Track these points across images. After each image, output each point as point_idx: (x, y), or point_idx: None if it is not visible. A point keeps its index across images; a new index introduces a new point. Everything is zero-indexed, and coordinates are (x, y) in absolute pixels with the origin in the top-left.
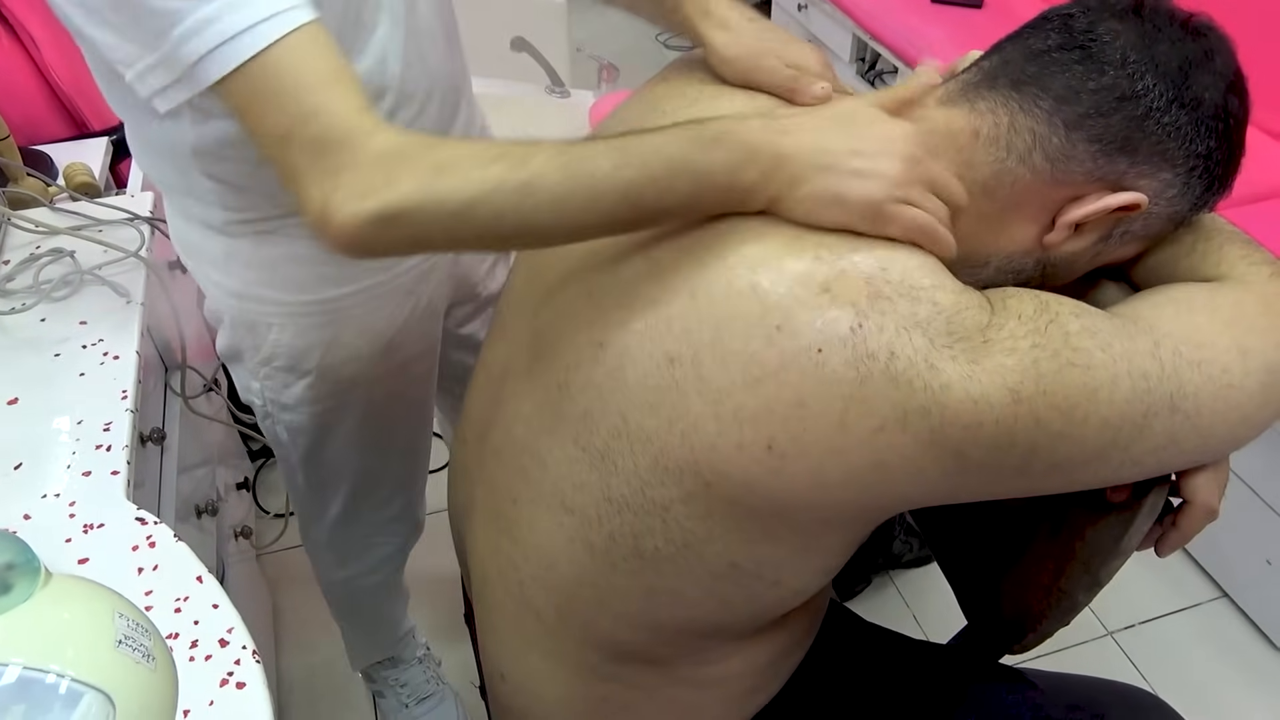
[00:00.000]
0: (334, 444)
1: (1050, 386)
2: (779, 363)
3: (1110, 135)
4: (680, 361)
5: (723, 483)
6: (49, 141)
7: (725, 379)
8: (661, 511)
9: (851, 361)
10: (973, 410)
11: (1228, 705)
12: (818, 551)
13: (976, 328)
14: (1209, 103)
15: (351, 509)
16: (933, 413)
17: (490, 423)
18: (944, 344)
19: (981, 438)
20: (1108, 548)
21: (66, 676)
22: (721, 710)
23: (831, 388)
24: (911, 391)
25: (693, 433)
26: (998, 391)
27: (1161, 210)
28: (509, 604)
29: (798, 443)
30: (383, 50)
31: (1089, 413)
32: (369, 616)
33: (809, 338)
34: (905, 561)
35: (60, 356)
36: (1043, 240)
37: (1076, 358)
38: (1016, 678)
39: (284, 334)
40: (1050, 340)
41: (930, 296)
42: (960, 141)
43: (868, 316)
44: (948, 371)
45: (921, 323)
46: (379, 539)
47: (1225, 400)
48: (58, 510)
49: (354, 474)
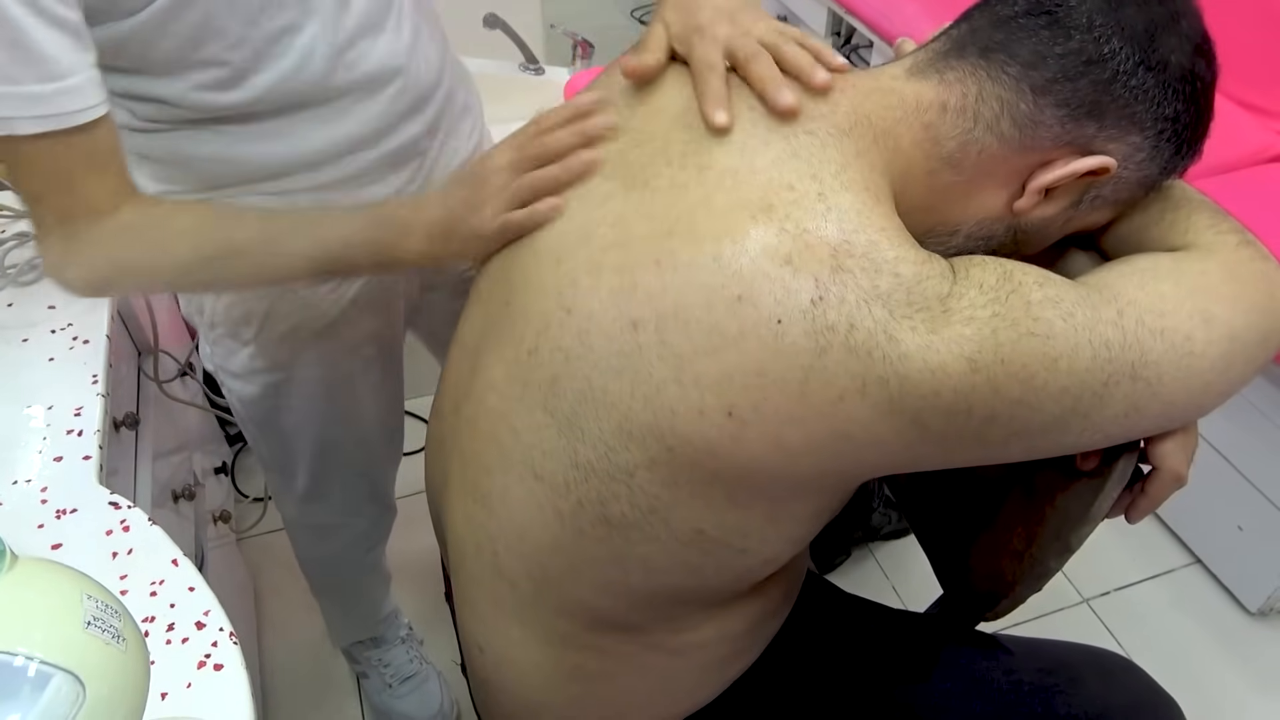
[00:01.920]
0: (288, 418)
1: (1008, 355)
2: (739, 332)
3: (1078, 99)
4: (644, 327)
5: (685, 448)
6: None
7: (687, 346)
8: (626, 477)
9: (811, 333)
10: (930, 379)
11: (1202, 669)
12: (785, 519)
13: (937, 297)
14: (1176, 65)
15: (315, 487)
16: (891, 382)
17: (465, 394)
18: (904, 314)
19: (939, 405)
20: (1078, 514)
21: (35, 659)
22: (698, 678)
23: (791, 358)
24: (871, 362)
25: (655, 397)
26: (955, 361)
27: (1131, 174)
28: (485, 576)
29: (757, 411)
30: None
31: (1047, 380)
32: (348, 595)
33: (769, 309)
34: (884, 534)
35: (28, 342)
36: (1013, 206)
37: (1036, 327)
38: (991, 643)
39: (219, 301)
40: (1011, 310)
41: (892, 268)
42: (928, 117)
43: (829, 289)
44: (906, 342)
45: (883, 295)
46: (350, 519)
47: (1188, 368)
48: (29, 496)
49: (312, 452)
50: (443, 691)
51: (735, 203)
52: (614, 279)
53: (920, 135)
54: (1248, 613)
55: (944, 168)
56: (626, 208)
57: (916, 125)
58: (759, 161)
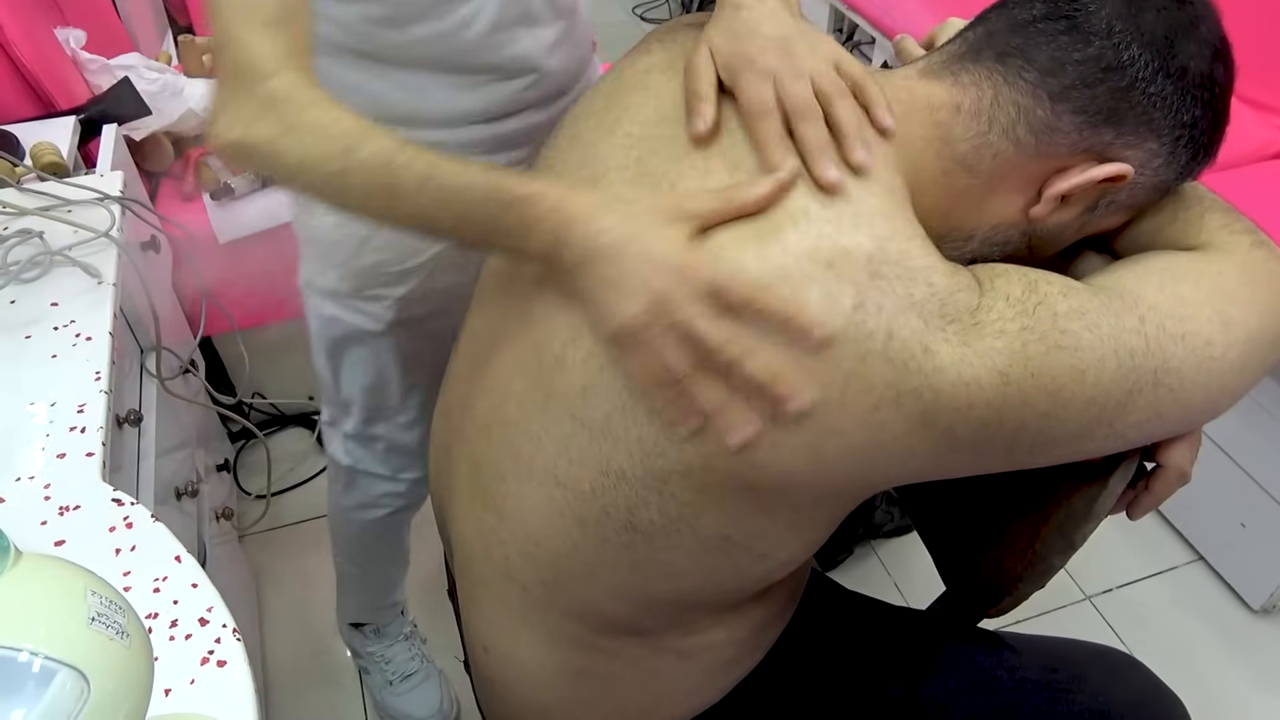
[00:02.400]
0: (355, 348)
1: (1038, 369)
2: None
3: (1096, 106)
4: None
5: (723, 457)
6: (15, 121)
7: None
8: (659, 484)
9: (853, 339)
10: (964, 393)
11: (1204, 667)
12: (806, 525)
13: (967, 310)
14: (1195, 72)
15: (365, 429)
16: (925, 395)
17: (475, 396)
18: (937, 326)
19: (971, 419)
20: (1082, 511)
21: (39, 655)
22: (703, 680)
23: (834, 364)
24: (906, 373)
25: None
26: (988, 374)
27: (1147, 180)
28: (494, 578)
29: (798, 418)
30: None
31: (1075, 394)
32: (369, 560)
33: (813, 311)
34: (886, 531)
35: (31, 338)
36: (1028, 213)
37: (1064, 340)
38: (994, 641)
39: (326, 218)
40: (1038, 323)
41: (925, 277)
42: (939, 116)
43: (868, 295)
44: (941, 354)
45: (917, 304)
46: (390, 471)
47: (1208, 372)
48: (32, 493)
49: (369, 388)
50: (443, 691)
51: (776, 206)
52: None
53: (931, 133)
54: (1250, 610)
55: (958, 169)
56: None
57: (928, 123)
58: (787, 166)
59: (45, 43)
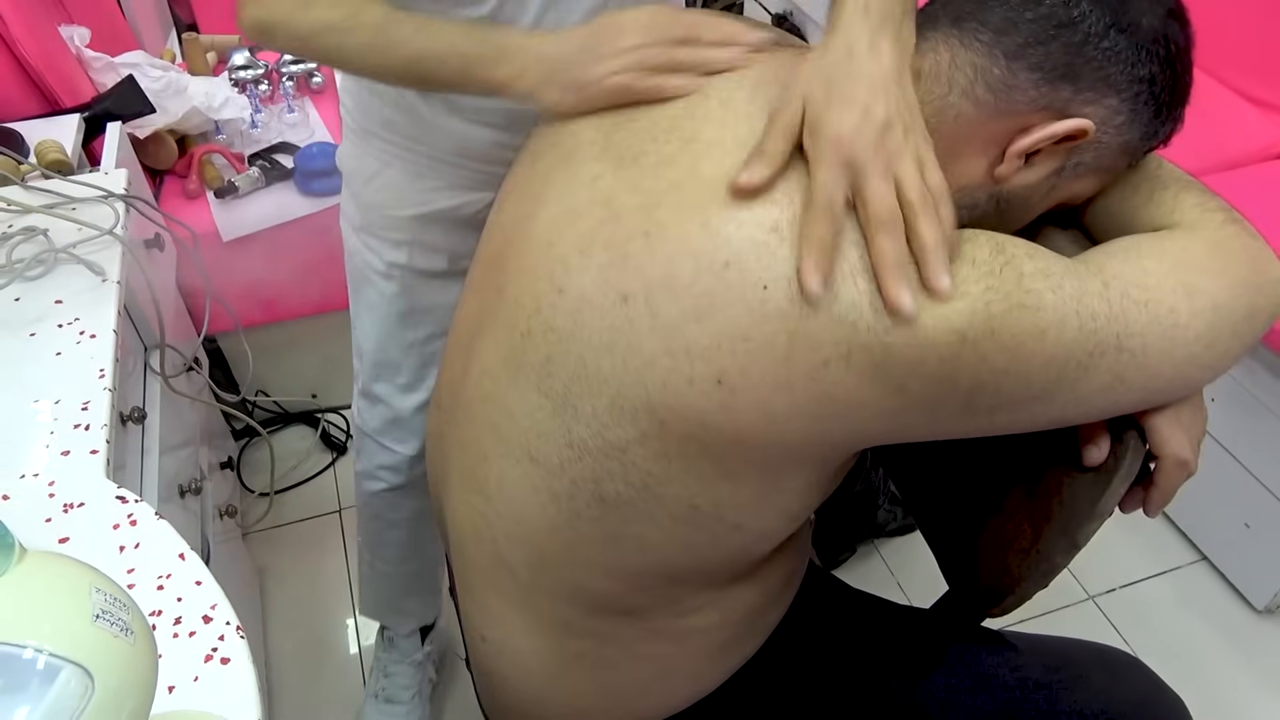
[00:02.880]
0: (366, 289)
1: (999, 326)
2: (726, 297)
3: (1051, 63)
4: (633, 299)
5: (676, 420)
6: (20, 118)
7: (676, 314)
8: (619, 454)
9: (796, 299)
10: (916, 350)
11: (1207, 667)
12: (778, 492)
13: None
14: (1148, 28)
15: (370, 384)
16: (875, 350)
17: (461, 383)
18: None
19: (924, 373)
20: (1084, 510)
21: (44, 651)
22: (698, 665)
23: (775, 323)
24: (855, 331)
25: (646, 370)
26: (942, 334)
27: (1111, 139)
28: (485, 564)
29: (745, 376)
30: None
31: (1035, 351)
32: (374, 547)
33: (755, 274)
34: (889, 530)
35: (36, 336)
36: (994, 173)
37: (1028, 299)
38: (997, 640)
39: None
40: (1003, 283)
41: None
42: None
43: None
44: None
45: (869, 267)
46: (388, 439)
47: (1172, 339)
48: (37, 490)
49: (375, 337)
50: None
51: (722, 173)
52: (604, 255)
53: None
54: (1254, 610)
55: None
56: (616, 185)
57: None
58: (742, 131)
59: (50, 40)
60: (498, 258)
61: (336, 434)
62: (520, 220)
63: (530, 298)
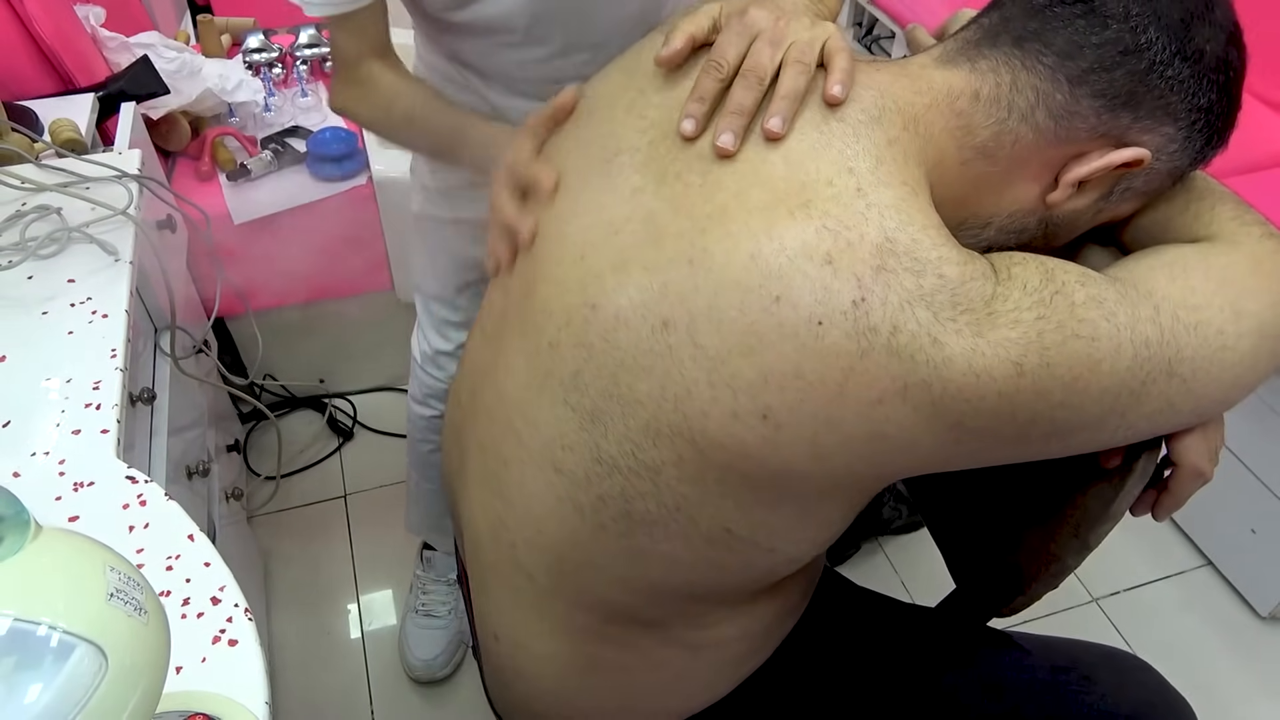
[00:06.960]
0: (434, 238)
1: (1054, 359)
2: (777, 334)
3: (1114, 90)
4: (674, 327)
5: (716, 450)
6: (34, 97)
7: (721, 347)
8: (652, 475)
9: (853, 334)
10: (975, 384)
11: (1211, 671)
12: (814, 521)
13: (981, 299)
14: (1210, 55)
15: (427, 302)
16: (934, 386)
17: (483, 381)
18: (948, 317)
19: (983, 409)
20: (1098, 512)
21: (58, 629)
22: (714, 674)
23: (831, 360)
24: (914, 365)
25: (686, 399)
26: (1001, 365)
27: (1163, 166)
28: (502, 565)
29: (794, 413)
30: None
31: (1090, 383)
32: (420, 469)
33: (808, 309)
34: (894, 528)
35: (48, 315)
36: (1045, 199)
37: (1081, 329)
38: (1004, 640)
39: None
40: (1055, 312)
41: (936, 269)
42: (960, 105)
43: (871, 290)
44: (951, 346)
45: (926, 296)
46: (434, 368)
47: (1220, 363)
48: (47, 468)
49: (437, 265)
50: (447, 649)
51: (771, 199)
52: (643, 277)
53: (952, 123)
54: (1259, 616)
55: (977, 158)
56: (658, 204)
57: (948, 113)
58: (794, 154)
59: (65, 19)
60: (526, 256)
61: (343, 420)
62: (553, 218)
63: (560, 309)
